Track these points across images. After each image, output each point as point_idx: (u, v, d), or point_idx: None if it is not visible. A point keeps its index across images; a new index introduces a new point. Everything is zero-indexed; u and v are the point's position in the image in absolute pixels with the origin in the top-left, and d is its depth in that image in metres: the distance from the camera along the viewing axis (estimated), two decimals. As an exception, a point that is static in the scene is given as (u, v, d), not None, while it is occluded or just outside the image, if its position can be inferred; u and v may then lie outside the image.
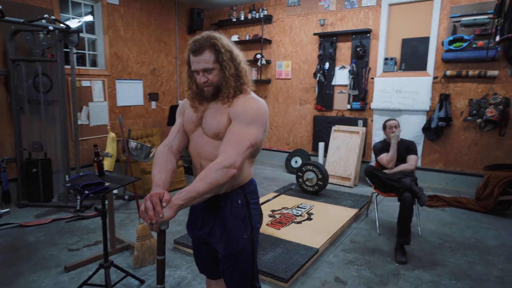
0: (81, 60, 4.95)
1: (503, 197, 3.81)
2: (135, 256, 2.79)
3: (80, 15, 4.81)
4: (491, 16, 4.15)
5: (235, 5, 6.18)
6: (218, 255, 1.57)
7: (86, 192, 2.10)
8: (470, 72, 4.34)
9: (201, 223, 1.59)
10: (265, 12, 5.88)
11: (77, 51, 4.69)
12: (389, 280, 2.58)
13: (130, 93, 5.34)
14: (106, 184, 2.18)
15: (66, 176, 2.72)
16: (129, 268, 2.74)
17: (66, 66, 4.18)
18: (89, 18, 4.91)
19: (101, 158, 2.40)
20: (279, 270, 2.59)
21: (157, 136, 5.31)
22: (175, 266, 2.81)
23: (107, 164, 3.62)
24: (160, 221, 1.27)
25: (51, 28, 3.69)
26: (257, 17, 5.91)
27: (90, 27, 4.94)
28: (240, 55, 1.48)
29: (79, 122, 4.56)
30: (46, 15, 3.64)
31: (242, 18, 6.07)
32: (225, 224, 1.52)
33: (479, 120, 4.28)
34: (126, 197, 4.08)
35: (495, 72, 4.21)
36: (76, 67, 4.26)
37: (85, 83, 4.73)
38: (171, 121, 5.05)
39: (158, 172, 1.47)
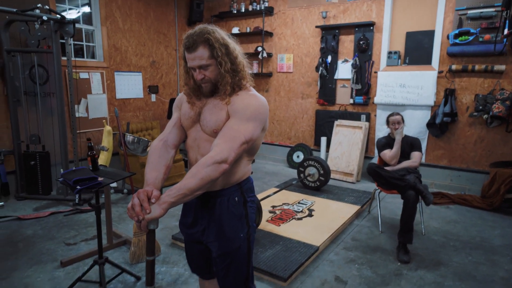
0: (81, 52, 4.87)
1: (509, 195, 3.72)
2: (131, 252, 2.73)
3: (77, 6, 4.72)
4: (498, 9, 4.03)
5: (236, -4, 6.06)
6: (212, 254, 1.52)
7: (78, 187, 2.04)
8: (476, 67, 4.22)
9: (192, 220, 1.53)
10: (266, 4, 5.75)
11: (75, 42, 4.61)
12: (391, 280, 2.51)
13: (130, 85, 5.25)
14: (100, 179, 2.12)
15: (61, 169, 2.66)
16: (126, 264, 2.69)
17: (63, 58, 4.09)
18: (86, 8, 4.81)
19: (94, 152, 2.33)
20: (278, 268, 2.53)
21: (157, 129, 5.24)
22: (172, 262, 2.75)
23: (104, 158, 3.55)
24: (148, 219, 1.21)
25: (45, 18, 3.61)
26: (258, 9, 5.78)
27: (87, 18, 4.84)
28: (237, 49, 1.40)
29: (78, 115, 4.49)
30: (39, 5, 3.56)
31: (243, 10, 5.94)
32: (221, 222, 1.46)
33: (485, 116, 4.17)
34: (125, 190, 4.01)
35: (502, 67, 4.09)
36: (74, 59, 4.17)
37: (83, 75, 4.64)
38: (171, 114, 4.96)
39: (151, 169, 1.41)
